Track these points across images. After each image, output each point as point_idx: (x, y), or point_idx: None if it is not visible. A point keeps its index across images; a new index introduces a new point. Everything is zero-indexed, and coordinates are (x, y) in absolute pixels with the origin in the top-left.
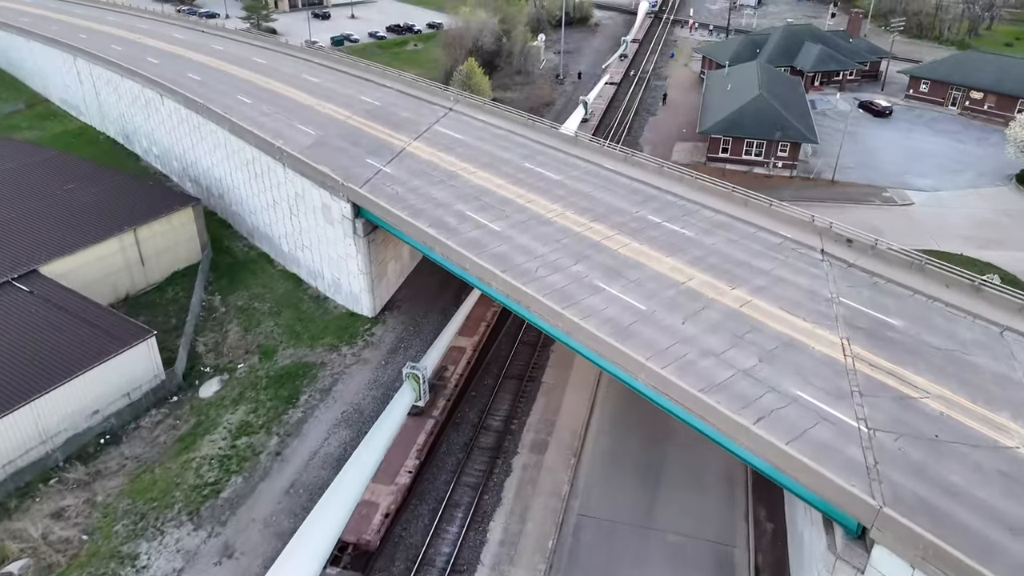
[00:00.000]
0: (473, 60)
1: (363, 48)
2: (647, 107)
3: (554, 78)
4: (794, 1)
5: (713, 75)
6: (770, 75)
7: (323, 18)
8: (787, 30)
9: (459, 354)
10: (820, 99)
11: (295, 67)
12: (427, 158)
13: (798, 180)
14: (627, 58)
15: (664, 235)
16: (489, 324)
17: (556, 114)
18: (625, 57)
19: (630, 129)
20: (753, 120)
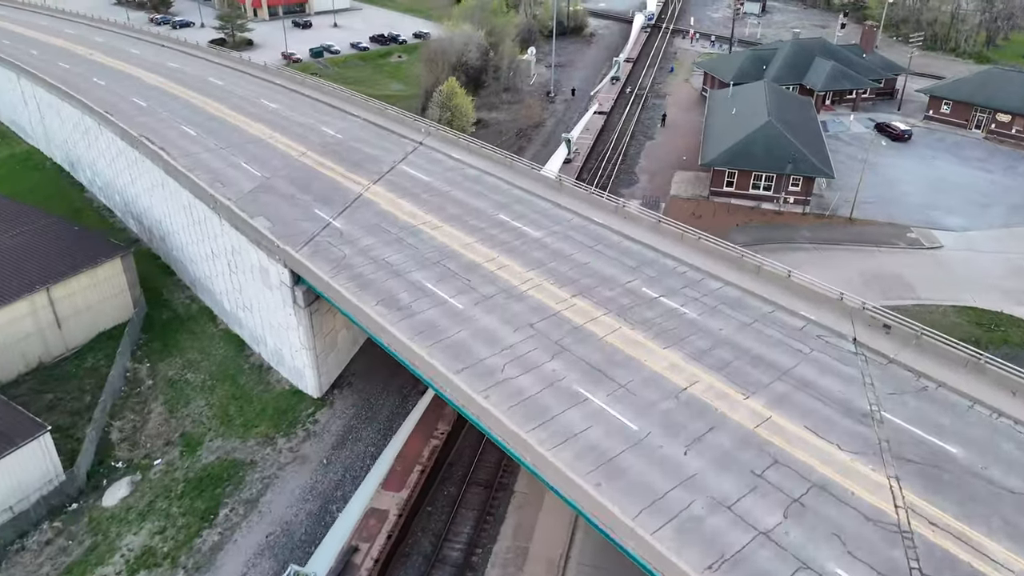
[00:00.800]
0: (454, 79)
1: (344, 60)
2: (644, 129)
3: (544, 95)
4: (800, 9)
5: (716, 95)
6: (779, 97)
7: (304, 27)
8: (796, 44)
9: None
10: (832, 121)
11: (254, 90)
12: (386, 208)
13: (812, 218)
14: (619, 80)
15: (661, 316)
16: None
17: (545, 137)
18: (617, 80)
19: (625, 155)
20: (762, 151)
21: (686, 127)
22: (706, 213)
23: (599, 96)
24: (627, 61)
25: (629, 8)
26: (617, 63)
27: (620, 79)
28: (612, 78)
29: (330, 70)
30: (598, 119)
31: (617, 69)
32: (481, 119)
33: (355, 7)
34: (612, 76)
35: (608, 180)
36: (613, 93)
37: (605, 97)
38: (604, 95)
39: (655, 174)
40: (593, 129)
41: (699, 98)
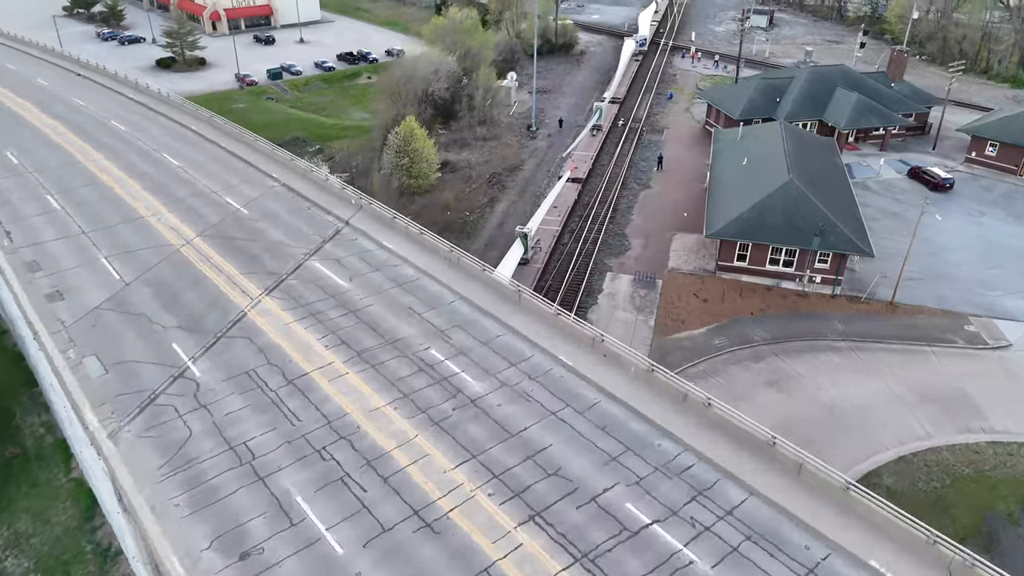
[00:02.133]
0: (412, 120)
1: (305, 82)
2: (638, 174)
3: (525, 129)
4: (810, 22)
5: (723, 137)
6: (798, 143)
7: (266, 43)
8: (814, 73)
9: None
10: (858, 164)
11: (162, 139)
12: (275, 339)
13: (844, 302)
14: (601, 131)
15: None
16: None
17: (522, 185)
18: (599, 130)
19: (615, 210)
20: (781, 219)
21: (688, 170)
22: (712, 294)
23: (575, 156)
24: (613, 102)
25: (624, 21)
26: (599, 109)
27: (602, 128)
28: (593, 127)
29: (288, 94)
30: (571, 191)
31: (599, 116)
32: (448, 161)
33: (327, 19)
34: (592, 125)
35: (594, 247)
36: (593, 148)
37: (583, 155)
38: (582, 151)
39: (650, 237)
40: (564, 205)
41: (702, 132)
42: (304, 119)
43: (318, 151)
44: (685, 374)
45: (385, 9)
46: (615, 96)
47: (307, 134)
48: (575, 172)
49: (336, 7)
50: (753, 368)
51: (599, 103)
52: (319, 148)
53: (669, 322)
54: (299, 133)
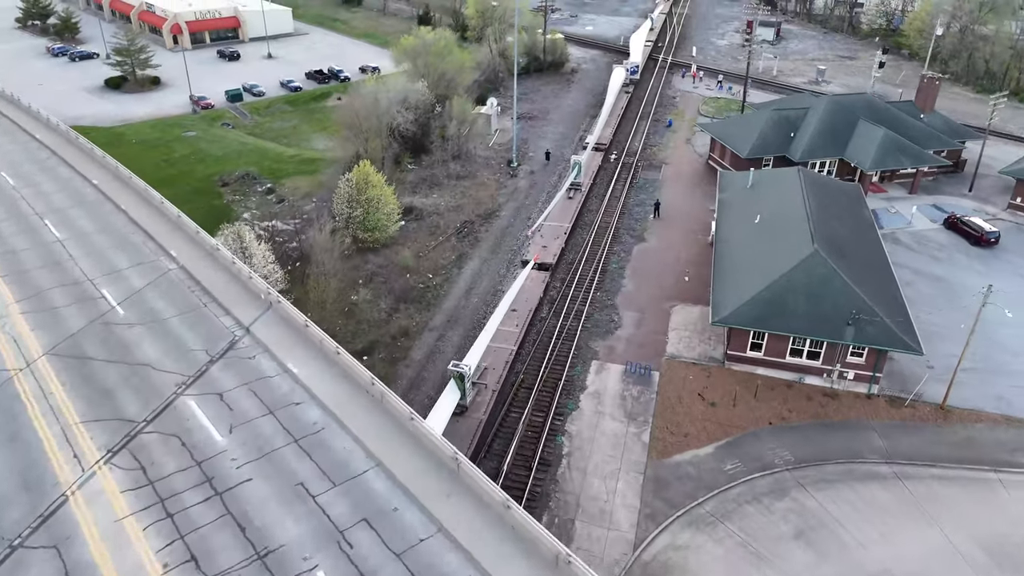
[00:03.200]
0: (367, 165)
1: (268, 104)
2: (632, 224)
3: (506, 164)
4: (820, 34)
5: (731, 182)
6: (821, 196)
7: (231, 59)
8: (833, 104)
9: None
10: (886, 211)
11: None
12: (91, 553)
13: (884, 404)
14: (580, 190)
15: None
16: None
17: (496, 237)
18: (577, 190)
19: (603, 272)
20: (805, 303)
21: (689, 218)
22: (722, 394)
23: (543, 231)
24: (597, 147)
25: (620, 34)
26: (577, 164)
27: (581, 188)
28: (570, 188)
29: (247, 119)
30: (536, 284)
31: (577, 172)
32: (413, 207)
33: (300, 31)
34: (570, 184)
35: (578, 325)
36: (569, 217)
37: (555, 227)
38: (555, 221)
39: (645, 309)
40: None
41: (705, 169)
42: (260, 149)
43: (268, 191)
44: (689, 516)
45: (364, 20)
46: (599, 142)
47: (260, 169)
48: (544, 255)
49: (311, 18)
50: (776, 509)
51: (577, 156)
52: (270, 187)
53: (668, 436)
54: (251, 167)
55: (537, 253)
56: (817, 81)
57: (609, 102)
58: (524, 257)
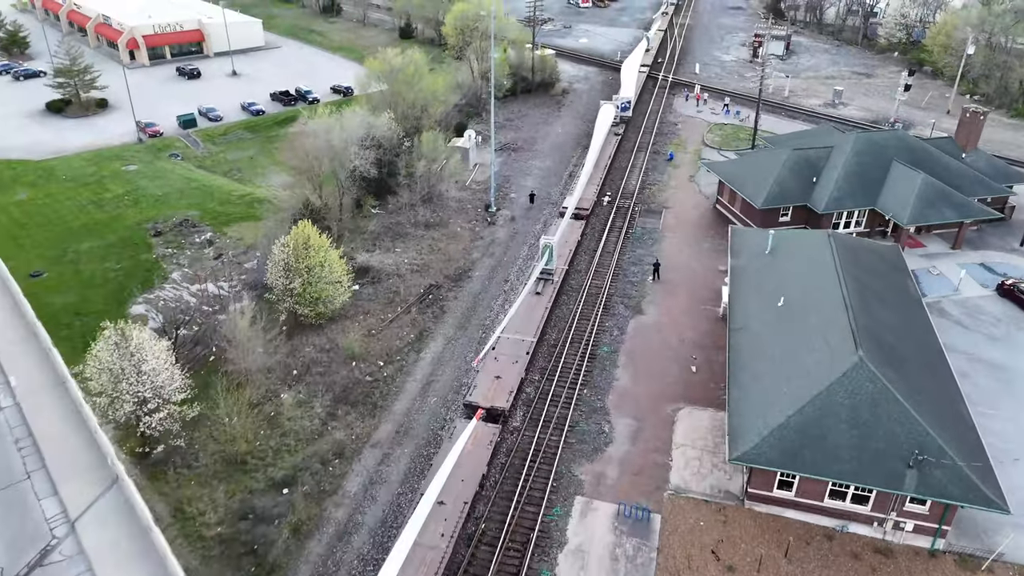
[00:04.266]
0: (307, 226)
1: (225, 131)
2: (627, 289)
3: (483, 209)
4: (833, 47)
5: (746, 242)
6: (858, 271)
7: (190, 77)
8: (862, 143)
9: None
10: (926, 272)
11: None
12: None
13: (951, 565)
14: (551, 282)
15: None
16: None
17: (469, 304)
18: (548, 280)
19: (591, 358)
20: (849, 435)
21: (695, 280)
22: (742, 549)
23: (500, 348)
24: (577, 215)
25: (617, 48)
26: (548, 247)
27: (553, 277)
28: (541, 276)
29: (199, 148)
30: (482, 447)
31: (548, 257)
32: (369, 268)
33: (272, 45)
34: (542, 271)
35: (559, 440)
36: (535, 325)
37: (515, 343)
38: (515, 333)
39: (643, 415)
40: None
41: (712, 215)
42: (207, 187)
43: (206, 243)
44: None
45: (342, 32)
46: (580, 207)
47: (202, 212)
48: (497, 391)
49: (285, 30)
50: None
51: (548, 238)
52: (209, 239)
53: None
54: (193, 211)
55: (481, 411)
56: (833, 103)
57: (594, 150)
58: (468, 398)
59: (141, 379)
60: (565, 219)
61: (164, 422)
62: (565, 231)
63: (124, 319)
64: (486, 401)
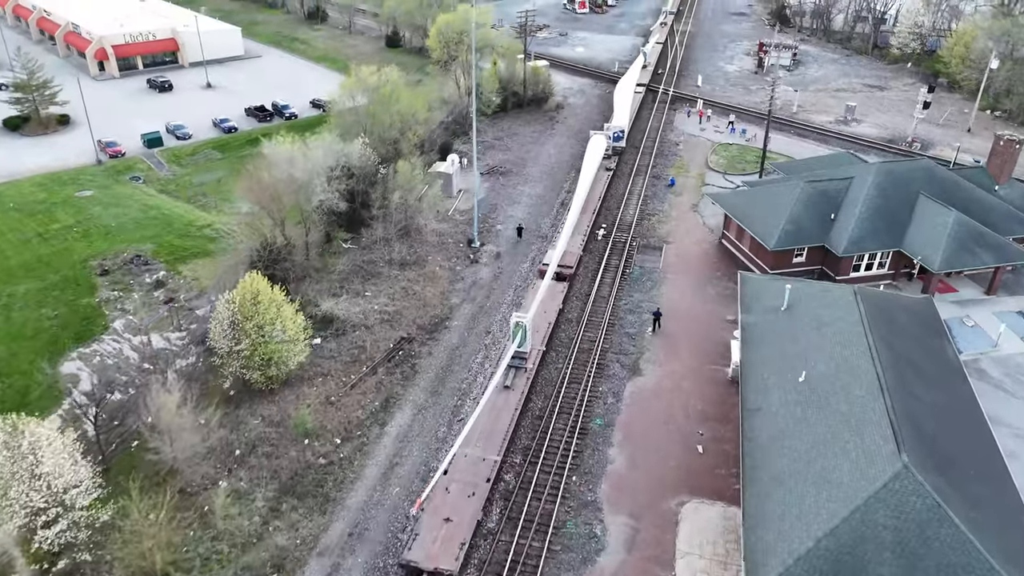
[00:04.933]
0: (257, 279)
1: (193, 151)
2: (623, 344)
3: (466, 244)
4: (842, 57)
5: (758, 294)
6: (892, 338)
7: (161, 90)
8: (884, 175)
9: None
10: (959, 323)
11: None
12: None
13: None
14: (523, 370)
15: None
16: None
17: (444, 361)
18: (520, 368)
19: (581, 434)
20: (894, 566)
21: (699, 331)
22: None
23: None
24: (558, 276)
25: (615, 58)
26: (520, 327)
27: (527, 363)
28: (512, 364)
29: (163, 170)
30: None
31: (521, 339)
32: (333, 318)
33: (252, 54)
34: (513, 356)
35: (542, 547)
36: (498, 440)
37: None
38: (474, 449)
39: (641, 512)
40: None
41: (717, 251)
42: (166, 216)
43: (156, 284)
44: None
45: (326, 40)
46: (563, 265)
47: (158, 246)
48: (438, 554)
49: (268, 38)
50: None
51: (521, 315)
52: (160, 279)
53: None
54: (147, 244)
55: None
56: (845, 119)
57: (582, 190)
58: (405, 555)
59: (35, 484)
60: (545, 282)
61: (65, 535)
62: (545, 296)
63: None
64: (428, 559)
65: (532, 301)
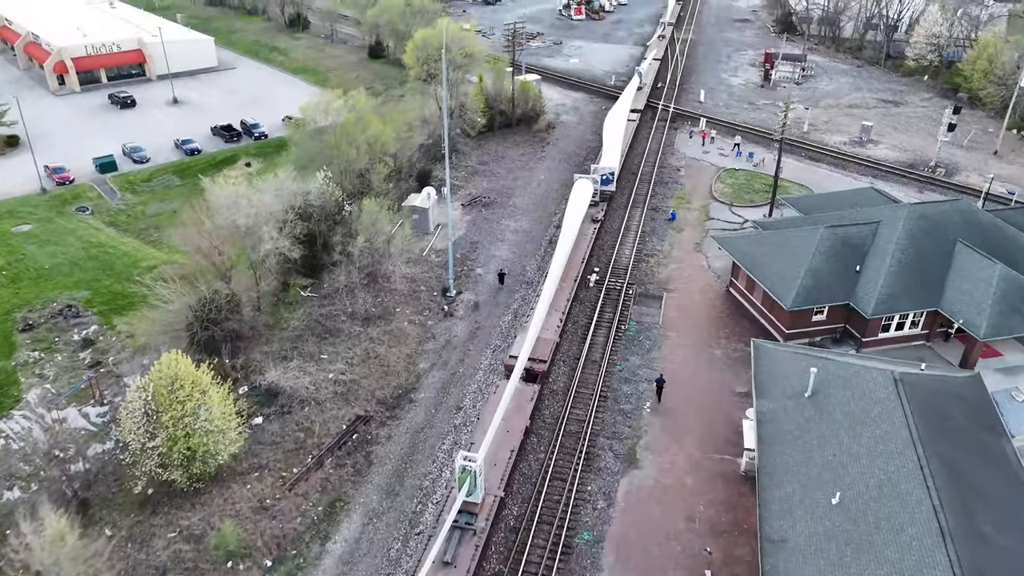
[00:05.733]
0: (178, 358)
1: (150, 176)
2: (618, 424)
3: (440, 293)
4: (853, 68)
5: (774, 378)
6: (942, 438)
7: (124, 106)
8: (916, 219)
9: None
10: (1009, 397)
11: None
12: None
13: None
14: (473, 527)
15: None
16: None
17: (405, 448)
18: (470, 527)
19: (565, 552)
20: None
21: (706, 410)
22: None
23: None
24: (527, 376)
25: (612, 69)
26: (468, 473)
27: (476, 523)
28: (457, 525)
29: (115, 199)
30: None
31: (471, 485)
32: (278, 391)
33: (226, 65)
34: (460, 512)
35: None
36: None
37: None
38: None
39: None
40: None
41: (724, 301)
42: (110, 254)
43: (84, 344)
44: None
45: (306, 50)
46: (535, 359)
47: (94, 294)
48: None
49: (245, 47)
50: None
51: (473, 458)
52: (87, 337)
53: None
54: (82, 291)
55: None
56: (861, 140)
57: (560, 258)
58: None
59: None
60: (508, 389)
61: None
62: (510, 408)
63: None
64: None
65: (487, 432)
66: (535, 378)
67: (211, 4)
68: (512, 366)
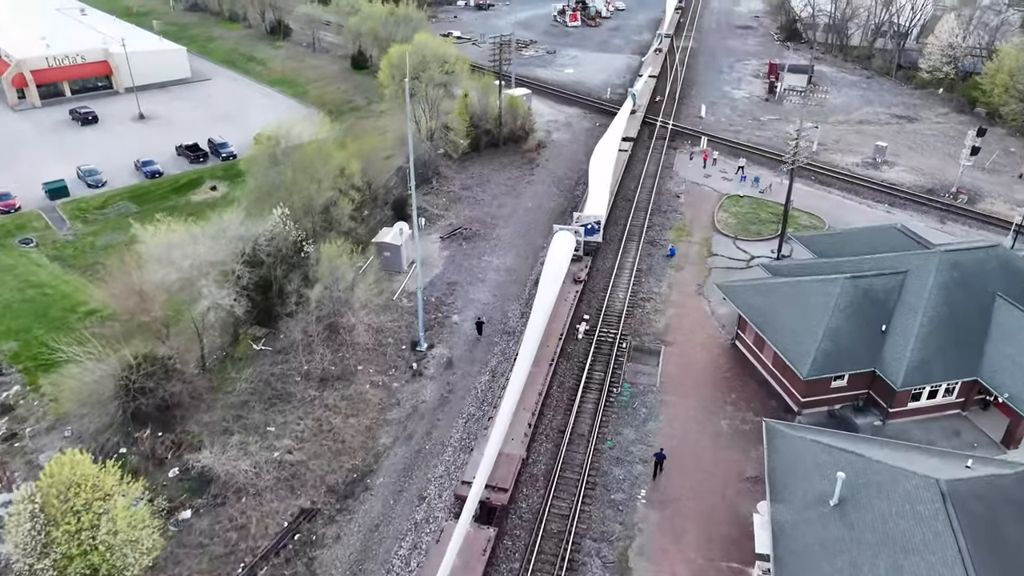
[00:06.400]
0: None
1: (104, 202)
2: (606, 518)
3: (409, 347)
4: (862, 80)
5: (791, 479)
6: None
7: (85, 122)
8: (948, 267)
9: None
10: None
11: None
12: None
13: None
14: None
15: None
16: None
17: (356, 552)
18: None
19: None
20: None
21: (710, 499)
22: None
23: None
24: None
25: (607, 80)
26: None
27: None
28: None
29: (64, 230)
30: None
31: None
32: (211, 478)
33: (200, 76)
34: None
35: None
36: None
37: None
38: None
39: None
40: None
41: (730, 356)
42: (49, 295)
43: (2, 410)
44: None
45: (287, 60)
46: (493, 487)
47: (22, 345)
48: None
49: (222, 56)
50: None
51: None
52: (6, 403)
53: None
54: (9, 341)
55: None
56: (875, 162)
57: (531, 342)
58: None
59: None
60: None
61: None
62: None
63: None
64: None
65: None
66: (492, 515)
67: (191, 10)
68: (464, 496)
